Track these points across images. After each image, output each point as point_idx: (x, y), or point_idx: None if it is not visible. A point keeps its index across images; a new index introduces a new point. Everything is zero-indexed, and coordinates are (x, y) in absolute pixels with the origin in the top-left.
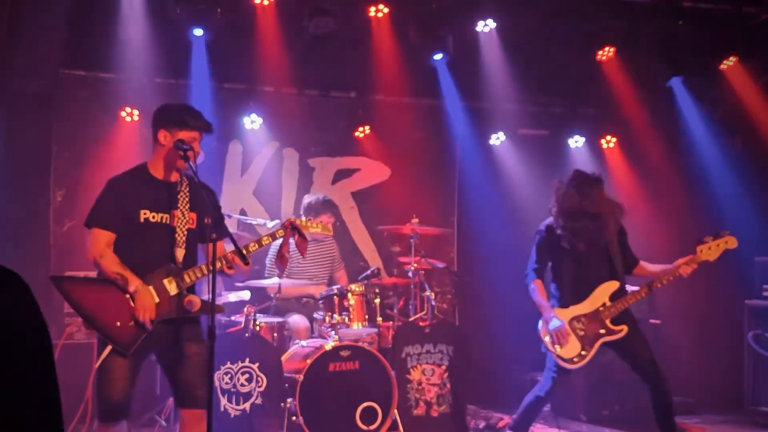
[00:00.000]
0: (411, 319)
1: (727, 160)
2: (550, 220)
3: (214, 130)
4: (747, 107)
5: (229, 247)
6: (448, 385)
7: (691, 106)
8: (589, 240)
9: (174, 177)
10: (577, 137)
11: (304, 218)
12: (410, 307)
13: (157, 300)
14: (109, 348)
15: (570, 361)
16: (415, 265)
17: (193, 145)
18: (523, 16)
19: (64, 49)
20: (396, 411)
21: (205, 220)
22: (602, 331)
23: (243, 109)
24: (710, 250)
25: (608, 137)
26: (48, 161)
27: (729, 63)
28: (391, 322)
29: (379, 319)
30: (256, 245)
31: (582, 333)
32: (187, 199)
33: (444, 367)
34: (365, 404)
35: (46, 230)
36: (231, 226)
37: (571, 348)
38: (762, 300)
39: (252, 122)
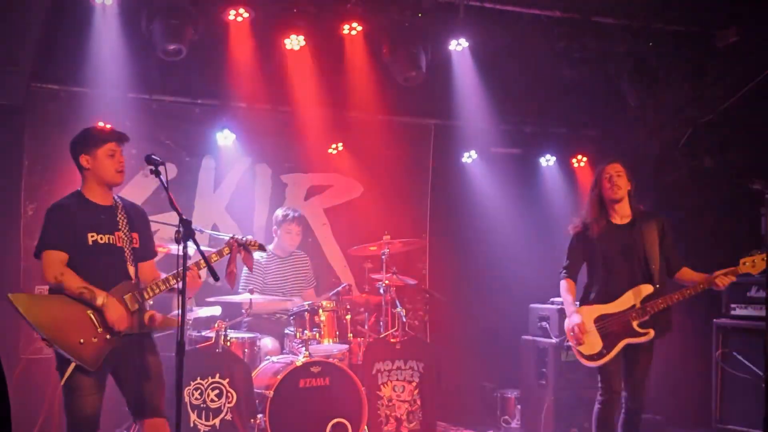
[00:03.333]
0: (382, 335)
1: (696, 180)
2: (581, 217)
3: (126, 138)
4: (715, 129)
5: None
6: (419, 402)
7: (660, 127)
8: (623, 240)
9: (109, 200)
10: (548, 156)
11: (276, 240)
12: (381, 323)
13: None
14: (72, 365)
15: (590, 358)
16: (387, 281)
17: (120, 161)
18: (496, 36)
19: (36, 62)
20: (366, 427)
21: (175, 234)
22: (627, 332)
23: (216, 124)
24: (754, 264)
25: (579, 156)
26: (19, 175)
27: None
28: (362, 339)
29: (350, 335)
30: (204, 263)
31: (605, 332)
32: (126, 220)
33: (414, 384)
34: (335, 420)
35: (17, 245)
36: (202, 241)
37: (592, 345)
38: (730, 319)
39: (225, 138)
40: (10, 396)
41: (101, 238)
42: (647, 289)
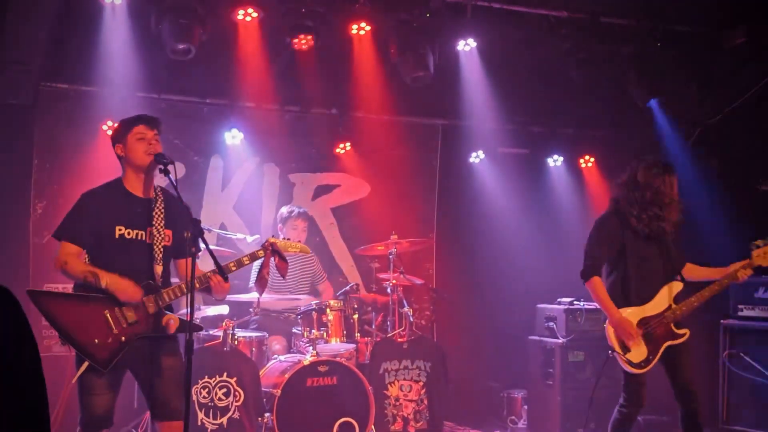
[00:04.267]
0: (389, 335)
1: (703, 181)
2: (611, 211)
3: (156, 120)
4: (722, 130)
5: (206, 265)
6: (426, 402)
7: (668, 127)
8: (656, 234)
9: (149, 192)
10: (555, 156)
11: (282, 237)
12: (388, 323)
13: (135, 318)
14: (85, 364)
15: (638, 365)
16: (394, 281)
17: (151, 142)
18: (504, 36)
19: (46, 61)
20: (373, 427)
21: (185, 234)
22: (668, 334)
23: (224, 124)
24: (766, 255)
25: (587, 157)
26: (29, 173)
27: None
28: (369, 338)
29: (358, 334)
30: (236, 265)
31: (649, 336)
32: (162, 215)
33: (421, 384)
34: (342, 420)
35: (26, 242)
36: (210, 240)
37: (639, 352)
38: (737, 320)
39: (233, 137)
40: None
41: (128, 233)
42: (678, 286)
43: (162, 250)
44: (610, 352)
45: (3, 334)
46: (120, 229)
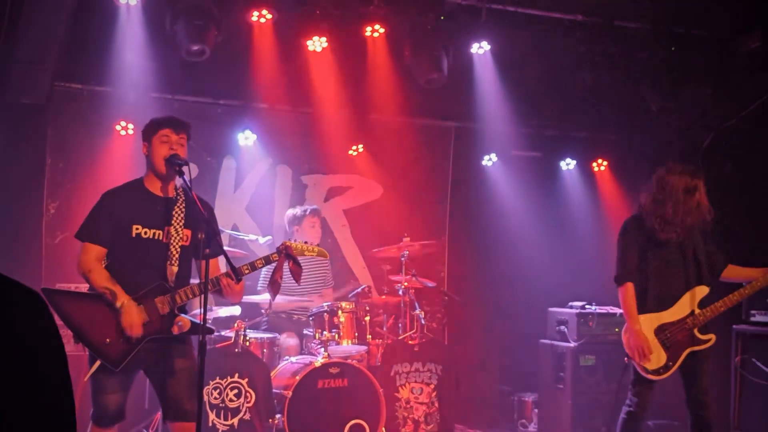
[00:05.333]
0: (400, 337)
1: (716, 187)
2: (635, 215)
3: (183, 124)
4: (736, 135)
5: (223, 265)
6: (437, 404)
7: (681, 132)
8: (682, 238)
9: (170, 192)
10: (568, 160)
11: (300, 241)
12: (400, 325)
13: (147, 319)
14: (98, 363)
15: (656, 372)
16: (406, 283)
17: (173, 146)
18: (518, 39)
19: (59, 61)
20: (384, 429)
21: (199, 236)
22: (691, 341)
23: (237, 125)
24: None
25: (600, 160)
26: (42, 173)
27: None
28: (380, 340)
29: (369, 336)
30: (250, 268)
31: (668, 343)
32: (182, 215)
33: (432, 386)
34: (353, 422)
35: (38, 242)
36: (222, 241)
37: (657, 359)
38: (749, 325)
39: (246, 138)
40: None
41: (145, 232)
42: (703, 291)
43: (179, 249)
44: (626, 358)
45: (31, 339)
46: (137, 228)
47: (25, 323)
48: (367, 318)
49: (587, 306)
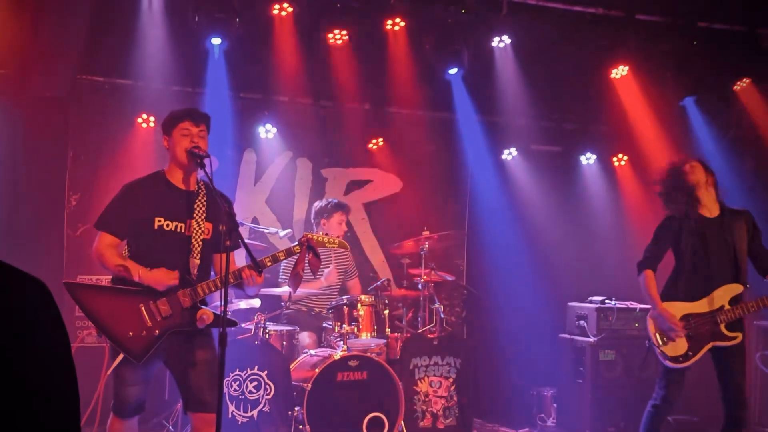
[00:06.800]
0: (419, 331)
1: (738, 181)
2: (677, 207)
3: (202, 116)
4: (759, 130)
5: (242, 259)
6: (455, 398)
7: (703, 126)
8: (714, 234)
9: (191, 185)
10: (588, 154)
11: (321, 233)
12: (419, 319)
13: (170, 312)
14: (120, 356)
15: (675, 359)
16: (425, 277)
17: (194, 139)
18: (538, 33)
19: (82, 54)
20: (402, 422)
21: (220, 228)
22: (715, 335)
23: (258, 118)
24: None
25: (620, 155)
26: (64, 165)
27: (742, 84)
28: (399, 334)
29: (388, 330)
30: (272, 261)
31: (691, 333)
32: (203, 208)
33: (451, 380)
34: (372, 414)
35: (60, 234)
36: (243, 234)
37: (678, 346)
38: None
39: (266, 131)
40: None
41: (168, 225)
42: (737, 288)
43: (201, 243)
44: (647, 342)
45: (31, 327)
46: (159, 221)
47: (30, 312)
48: (387, 311)
49: (607, 301)
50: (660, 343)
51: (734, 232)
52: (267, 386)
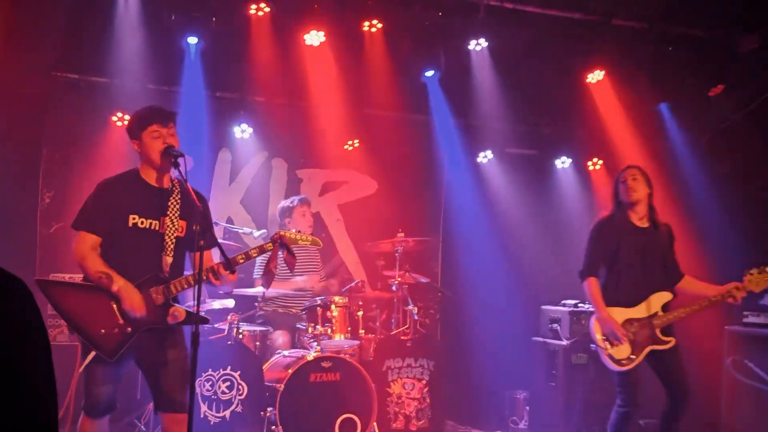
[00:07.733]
0: (393, 332)
1: (713, 186)
2: (609, 213)
3: (169, 114)
4: (734, 136)
5: (217, 257)
6: (428, 400)
7: (677, 131)
8: (644, 242)
9: (165, 183)
10: (564, 158)
11: (294, 231)
12: (393, 320)
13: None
14: (92, 354)
15: (619, 362)
16: (399, 279)
17: (166, 140)
18: (515, 37)
19: (57, 51)
20: (375, 424)
21: (193, 227)
22: (653, 339)
23: (234, 118)
24: (757, 282)
25: (595, 159)
26: (37, 163)
27: (716, 91)
28: (373, 335)
29: (362, 331)
30: (244, 258)
31: (633, 337)
32: (177, 206)
33: (424, 382)
34: (345, 416)
35: (33, 231)
36: (217, 234)
37: (623, 350)
38: (742, 326)
39: (242, 131)
40: None
41: (142, 222)
42: (667, 296)
43: (174, 240)
44: (592, 345)
45: (13, 327)
46: (134, 218)
47: (8, 310)
48: (360, 312)
49: (580, 304)
50: (605, 347)
51: (662, 241)
52: (240, 387)
